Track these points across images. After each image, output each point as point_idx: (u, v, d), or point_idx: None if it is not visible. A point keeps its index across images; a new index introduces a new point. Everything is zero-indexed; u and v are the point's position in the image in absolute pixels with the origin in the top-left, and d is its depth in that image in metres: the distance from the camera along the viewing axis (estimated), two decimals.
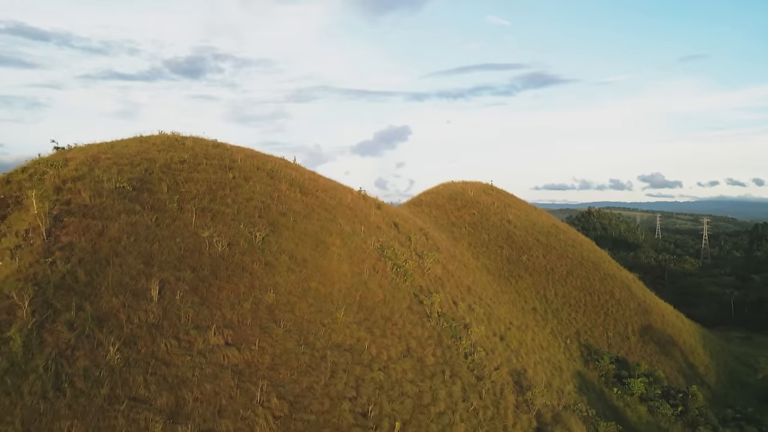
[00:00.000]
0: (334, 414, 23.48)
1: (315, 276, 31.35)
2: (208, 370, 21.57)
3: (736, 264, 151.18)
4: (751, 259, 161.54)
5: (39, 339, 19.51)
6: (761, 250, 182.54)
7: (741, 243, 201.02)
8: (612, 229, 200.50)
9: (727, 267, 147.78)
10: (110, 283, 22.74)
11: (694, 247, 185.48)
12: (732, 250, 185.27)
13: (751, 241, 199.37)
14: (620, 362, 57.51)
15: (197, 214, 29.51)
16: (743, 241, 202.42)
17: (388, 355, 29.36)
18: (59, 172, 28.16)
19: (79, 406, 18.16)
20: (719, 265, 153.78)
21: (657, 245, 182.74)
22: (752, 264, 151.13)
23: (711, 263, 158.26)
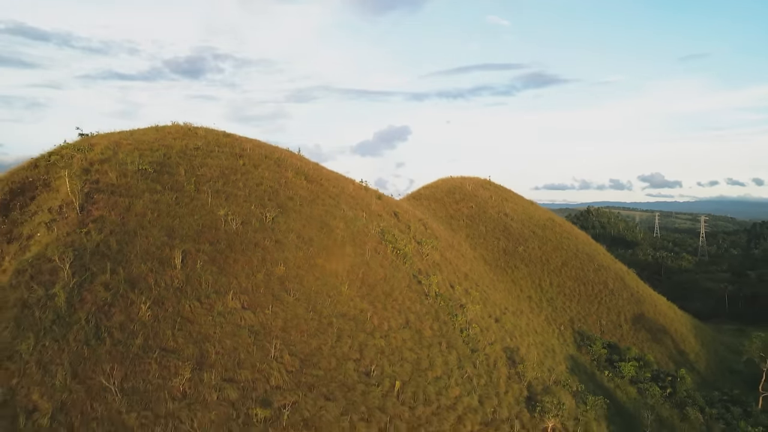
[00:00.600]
0: (340, 371, 26.16)
1: (321, 254, 34.02)
2: (227, 329, 24.25)
3: (733, 261, 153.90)
4: (748, 257, 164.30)
5: (79, 296, 22.20)
6: (759, 248, 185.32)
7: (739, 241, 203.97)
8: (610, 227, 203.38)
9: (724, 264, 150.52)
10: (138, 252, 25.44)
11: (692, 245, 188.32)
12: (729, 248, 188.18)
13: (749, 239, 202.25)
14: (612, 347, 60.11)
15: (212, 195, 32.21)
16: (741, 240, 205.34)
17: (389, 326, 32.02)
18: (86, 156, 30.86)
19: (117, 353, 20.85)
20: (716, 262, 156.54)
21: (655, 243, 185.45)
22: (749, 261, 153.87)
23: (708, 260, 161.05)
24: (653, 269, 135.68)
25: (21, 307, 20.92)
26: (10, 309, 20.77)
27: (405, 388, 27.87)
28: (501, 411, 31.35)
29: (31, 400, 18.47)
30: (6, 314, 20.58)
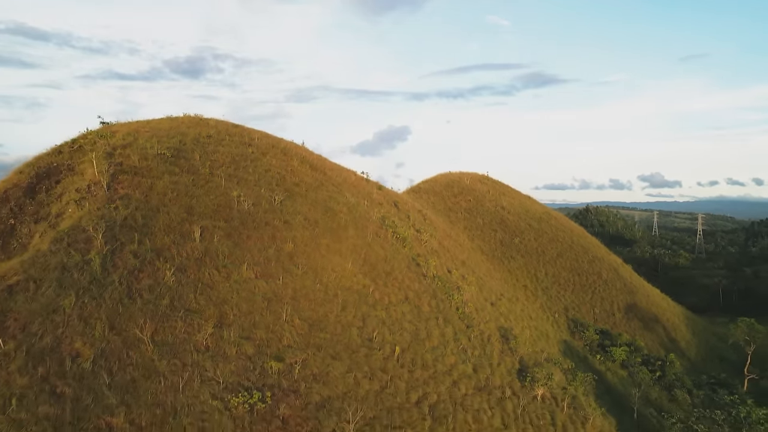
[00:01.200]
0: (345, 336, 28.88)
1: (326, 234, 36.74)
2: (243, 295, 26.98)
3: (729, 258, 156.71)
4: (745, 254, 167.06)
5: (112, 262, 24.94)
6: (756, 246, 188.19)
7: (737, 240, 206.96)
8: (609, 225, 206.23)
9: (720, 261, 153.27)
10: (161, 226, 28.18)
11: (690, 244, 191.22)
12: (727, 246, 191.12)
13: (747, 237, 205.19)
14: (604, 333, 62.80)
15: (225, 178, 34.96)
16: (739, 238, 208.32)
17: (389, 300, 34.73)
18: (109, 141, 33.60)
19: (147, 311, 23.57)
20: (713, 259, 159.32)
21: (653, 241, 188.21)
22: (746, 258, 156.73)
23: (705, 258, 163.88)
24: (650, 265, 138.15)
25: (61, 269, 23.65)
26: (51, 271, 23.50)
27: (404, 354, 30.58)
28: (493, 379, 34.06)
29: (74, 347, 21.19)
30: (48, 275, 23.30)
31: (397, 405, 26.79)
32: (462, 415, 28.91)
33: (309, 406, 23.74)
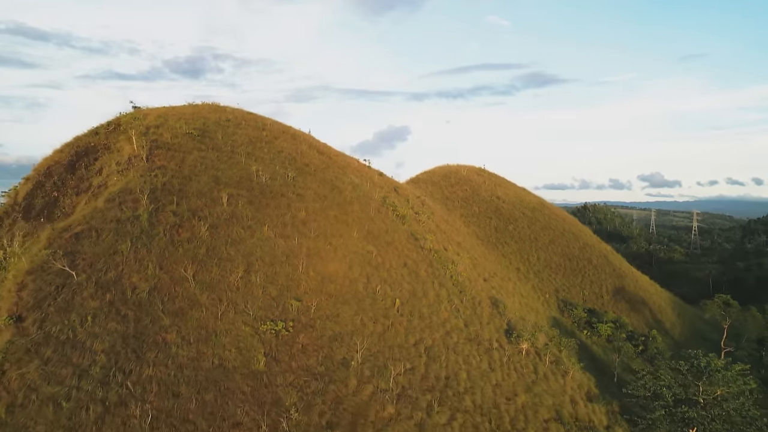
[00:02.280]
0: (352, 288, 33.92)
1: (333, 207, 41.79)
2: (265, 249, 32.04)
3: (723, 253, 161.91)
4: (739, 250, 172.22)
5: (156, 218, 30.01)
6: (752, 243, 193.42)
7: (733, 237, 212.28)
8: (607, 223, 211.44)
9: (715, 256, 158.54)
10: (194, 192, 33.25)
11: (686, 241, 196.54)
12: (723, 243, 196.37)
13: (744, 235, 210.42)
14: (592, 312, 67.92)
15: (245, 156, 40.05)
16: (736, 236, 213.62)
17: (390, 264, 39.77)
18: (142, 122, 38.68)
19: (188, 257, 28.62)
20: (708, 254, 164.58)
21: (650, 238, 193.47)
22: (740, 254, 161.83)
23: (700, 253, 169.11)
24: (644, 259, 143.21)
25: (116, 222, 28.73)
26: (108, 223, 28.57)
27: (403, 306, 35.63)
28: (482, 333, 39.10)
29: (132, 281, 26.24)
30: (106, 226, 28.36)
31: (397, 344, 31.82)
32: (453, 357, 33.93)
33: (323, 337, 28.79)
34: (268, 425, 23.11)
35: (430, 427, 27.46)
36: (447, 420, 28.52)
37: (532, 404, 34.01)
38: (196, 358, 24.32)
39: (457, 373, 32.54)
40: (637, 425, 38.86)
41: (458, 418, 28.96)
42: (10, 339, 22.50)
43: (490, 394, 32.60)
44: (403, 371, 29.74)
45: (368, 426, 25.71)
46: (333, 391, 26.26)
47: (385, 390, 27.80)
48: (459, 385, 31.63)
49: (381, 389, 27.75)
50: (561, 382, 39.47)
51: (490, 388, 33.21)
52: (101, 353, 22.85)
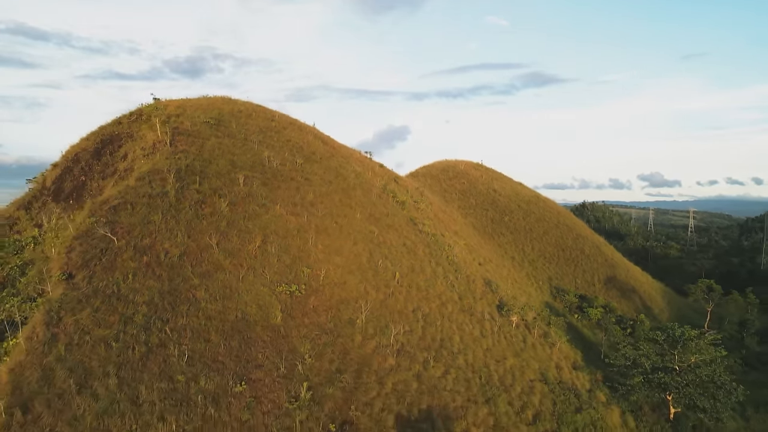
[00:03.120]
0: (357, 261, 37.88)
1: (338, 192, 45.78)
2: (279, 224, 36.02)
3: (719, 250, 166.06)
4: (735, 247, 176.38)
5: (182, 194, 34.00)
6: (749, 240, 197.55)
7: (731, 235, 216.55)
8: (605, 221, 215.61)
9: (710, 252, 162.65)
10: (213, 173, 37.25)
11: (684, 238, 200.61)
12: (720, 240, 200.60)
13: (741, 233, 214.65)
14: (583, 298, 71.90)
15: (257, 143, 44.06)
16: (733, 234, 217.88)
17: (391, 243, 43.74)
18: (163, 112, 42.68)
19: (211, 228, 32.60)
20: (704, 251, 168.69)
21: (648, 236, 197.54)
22: (736, 251, 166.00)
23: (696, 250, 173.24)
24: (641, 255, 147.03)
25: (148, 196, 32.72)
26: (141, 197, 32.56)
27: (402, 279, 39.61)
28: (476, 306, 43.07)
29: (165, 247, 30.22)
30: (140, 200, 32.35)
31: (397, 310, 35.79)
32: (448, 324, 37.90)
33: (331, 300, 32.77)
34: (286, 367, 27.07)
35: (427, 378, 31.41)
36: (441, 374, 32.48)
37: (519, 367, 37.98)
38: (222, 311, 28.28)
39: (451, 337, 36.50)
40: (618, 390, 42.94)
41: (452, 373, 32.93)
42: (63, 292, 26.45)
43: (481, 356, 36.55)
44: (402, 332, 33.70)
45: (372, 374, 29.66)
46: (341, 344, 30.23)
47: (386, 345, 31.77)
48: (453, 346, 35.59)
49: (383, 345, 31.72)
50: (548, 351, 43.43)
51: (481, 351, 37.17)
52: (142, 304, 26.82)
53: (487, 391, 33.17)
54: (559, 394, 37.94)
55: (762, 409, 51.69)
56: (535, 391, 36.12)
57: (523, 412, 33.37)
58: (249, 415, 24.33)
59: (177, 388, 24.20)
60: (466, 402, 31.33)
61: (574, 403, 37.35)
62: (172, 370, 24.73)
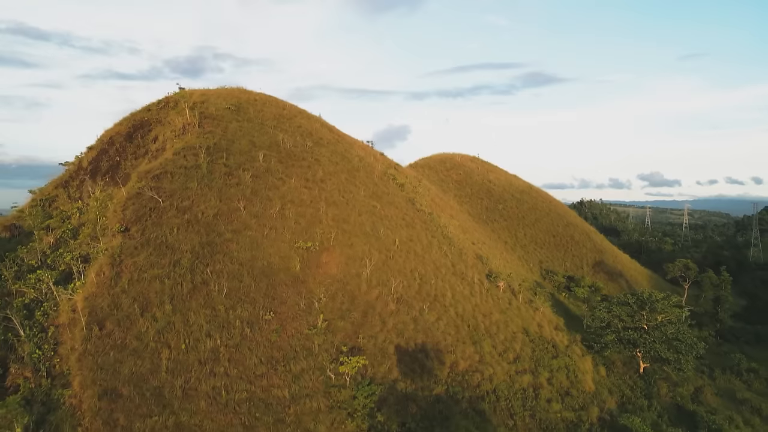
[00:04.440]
0: (361, 228, 44.14)
1: (344, 172, 52.06)
2: (295, 194, 42.30)
3: (712, 244, 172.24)
4: (728, 242, 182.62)
5: (212, 167, 40.30)
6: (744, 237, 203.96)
7: (727, 232, 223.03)
8: (602, 218, 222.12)
9: (704, 247, 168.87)
10: (237, 150, 43.57)
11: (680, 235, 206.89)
12: (715, 236, 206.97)
13: (737, 230, 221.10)
14: (571, 279, 78.17)
15: (272, 127, 50.37)
16: (729, 231, 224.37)
17: (391, 216, 50.01)
18: (189, 100, 49.03)
19: (239, 195, 38.88)
20: (697, 246, 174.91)
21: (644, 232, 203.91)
22: (728, 246, 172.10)
23: (690, 244, 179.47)
24: (635, 248, 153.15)
25: (184, 168, 39.04)
26: (178, 168, 38.87)
27: (401, 245, 45.87)
28: (467, 272, 49.32)
29: (201, 209, 36.52)
30: (177, 171, 38.66)
31: (397, 269, 42.03)
32: (441, 283, 44.15)
33: (340, 257, 39.03)
34: (305, 304, 33.35)
35: (422, 321, 37.68)
36: (435, 319, 38.74)
37: (503, 321, 44.25)
38: (251, 260, 34.55)
39: (443, 293, 42.77)
40: (593, 348, 49.24)
41: (443, 319, 39.20)
42: (122, 241, 32.71)
43: (470, 310, 42.82)
44: (401, 286, 39.95)
45: (375, 315, 35.93)
46: (349, 291, 36.52)
47: (387, 295, 38.04)
48: (445, 300, 41.86)
49: (384, 294, 37.99)
50: (531, 313, 49.71)
51: (470, 306, 43.44)
52: (186, 252, 33.10)
53: (474, 336, 39.43)
54: (539, 344, 44.21)
55: (727, 371, 58.11)
56: (517, 340, 42.38)
57: (505, 354, 39.64)
58: (277, 336, 30.61)
59: (218, 314, 30.47)
60: (456, 342, 37.60)
61: (551, 352, 43.60)
62: (214, 302, 31.01)
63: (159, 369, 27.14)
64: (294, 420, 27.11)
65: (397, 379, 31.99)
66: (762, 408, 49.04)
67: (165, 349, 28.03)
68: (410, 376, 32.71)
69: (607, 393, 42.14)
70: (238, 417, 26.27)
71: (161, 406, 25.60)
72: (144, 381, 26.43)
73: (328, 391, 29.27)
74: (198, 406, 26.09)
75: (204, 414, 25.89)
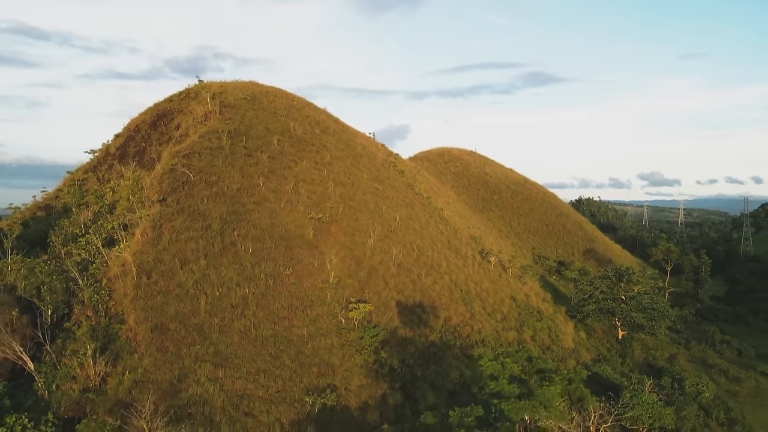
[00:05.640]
0: (365, 206, 50.02)
1: (348, 157, 57.95)
2: (306, 174, 48.20)
3: (707, 240, 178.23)
4: (723, 239, 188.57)
5: (234, 148, 46.19)
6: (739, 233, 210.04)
7: (723, 229, 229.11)
8: (600, 215, 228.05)
9: (699, 242, 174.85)
10: (254, 135, 49.48)
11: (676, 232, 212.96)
12: (711, 233, 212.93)
13: (733, 227, 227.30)
14: (562, 263, 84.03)
15: (283, 116, 56.28)
16: (726, 228, 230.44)
17: (392, 197, 55.88)
18: (209, 90, 54.95)
19: (258, 171, 44.74)
20: (692, 241, 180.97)
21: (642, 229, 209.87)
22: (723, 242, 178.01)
23: (686, 240, 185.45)
24: (630, 243, 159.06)
25: (209, 149, 44.95)
26: (204, 149, 44.76)
27: (401, 222, 51.76)
28: (461, 248, 55.20)
29: (226, 183, 42.40)
30: (204, 151, 44.52)
31: (397, 240, 47.89)
32: (437, 255, 50.00)
33: (348, 228, 44.91)
34: (318, 263, 39.24)
35: (420, 284, 43.52)
36: (431, 283, 44.59)
37: (493, 289, 50.12)
38: (271, 226, 40.43)
39: (439, 263, 48.63)
40: (576, 317, 55.13)
41: (439, 283, 45.06)
42: (160, 209, 38.57)
43: (463, 278, 48.67)
44: (401, 254, 45.79)
45: (379, 276, 41.78)
46: (356, 255, 42.39)
47: (389, 260, 43.90)
48: (440, 268, 47.73)
49: (386, 260, 43.86)
50: (520, 285, 55.60)
51: (463, 275, 49.30)
52: (216, 219, 38.96)
53: (465, 298, 45.30)
54: (525, 309, 50.10)
55: (702, 342, 63.95)
56: (505, 304, 48.25)
57: (493, 314, 45.50)
58: (295, 288, 36.48)
59: (245, 269, 36.34)
60: (449, 302, 43.47)
61: (536, 316, 49.47)
62: (241, 259, 36.86)
63: (198, 310, 32.94)
64: (312, 352, 32.95)
65: (397, 326, 37.85)
66: (729, 370, 54.94)
67: (202, 295, 33.84)
68: (409, 325, 38.56)
69: (584, 351, 48.00)
70: (265, 348, 32.10)
71: (202, 338, 31.42)
72: (187, 319, 32.24)
73: (340, 332, 35.14)
74: (232, 339, 31.91)
75: (237, 345, 31.71)
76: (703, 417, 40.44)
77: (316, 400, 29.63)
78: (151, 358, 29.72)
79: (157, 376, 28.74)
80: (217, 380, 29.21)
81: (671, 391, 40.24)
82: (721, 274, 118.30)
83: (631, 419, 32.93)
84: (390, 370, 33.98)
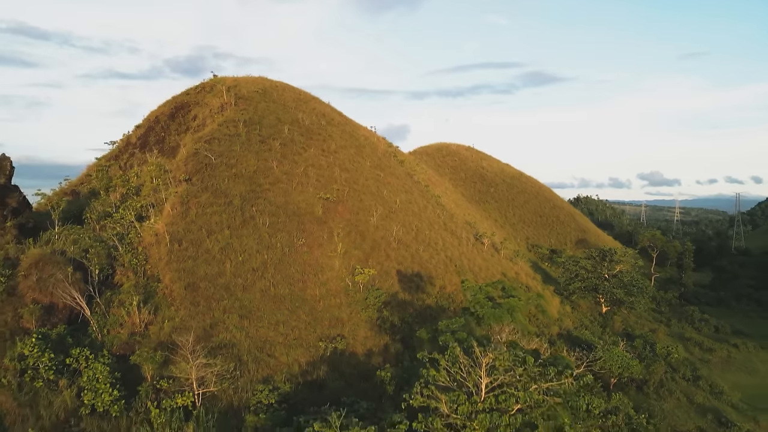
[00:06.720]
0: (368, 189, 55.45)
1: (352, 147, 63.41)
2: (315, 160, 53.69)
3: (702, 237, 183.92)
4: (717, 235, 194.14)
5: (249, 136, 51.65)
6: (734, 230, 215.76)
7: (720, 227, 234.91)
8: (598, 213, 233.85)
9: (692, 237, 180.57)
10: (267, 124, 54.96)
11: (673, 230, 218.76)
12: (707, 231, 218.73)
13: (730, 225, 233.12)
14: (554, 251, 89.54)
15: (292, 108, 61.75)
16: (723, 226, 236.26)
17: (392, 184, 61.33)
18: (224, 84, 60.44)
19: (272, 157, 50.22)
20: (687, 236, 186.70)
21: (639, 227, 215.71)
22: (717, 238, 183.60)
23: (681, 236, 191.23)
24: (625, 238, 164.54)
25: (228, 136, 50.42)
26: (223, 136, 50.24)
27: (400, 205, 57.21)
28: (457, 230, 60.66)
29: (244, 165, 47.85)
30: (223, 137, 50.00)
31: (397, 220, 53.32)
32: (434, 235, 55.46)
33: (352, 208, 50.37)
34: (327, 236, 44.69)
35: (418, 258, 48.96)
36: (428, 257, 50.03)
37: (486, 266, 55.59)
38: (284, 204, 45.87)
39: (436, 241, 54.09)
40: (562, 295, 60.60)
41: (435, 258, 50.52)
42: (186, 187, 44.00)
43: (457, 255, 54.12)
44: (401, 232, 51.21)
45: (381, 250, 47.21)
46: (360, 230, 47.84)
47: (390, 237, 49.35)
48: (437, 246, 53.19)
49: (388, 236, 49.29)
50: (512, 265, 61.12)
51: (458, 252, 54.76)
52: (236, 196, 44.39)
53: (459, 271, 50.75)
54: (515, 284, 55.49)
55: (682, 320, 69.45)
56: (496, 278, 53.62)
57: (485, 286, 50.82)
58: (308, 256, 41.93)
59: (263, 238, 41.77)
60: (444, 273, 48.92)
61: (524, 290, 54.89)
62: (260, 231, 42.30)
63: (224, 273, 38.34)
64: (323, 309, 38.39)
65: (398, 291, 43.31)
66: (704, 342, 60.48)
67: (227, 260, 39.24)
68: (408, 290, 44.02)
69: (568, 320, 53.52)
70: (283, 305, 37.52)
71: (229, 294, 36.82)
72: (215, 279, 37.62)
73: (347, 293, 40.59)
74: (254, 296, 37.31)
75: (259, 301, 37.11)
76: (671, 373, 45.89)
77: (328, 346, 35.06)
78: (186, 310, 35.10)
79: (191, 324, 34.08)
80: (243, 329, 34.60)
81: (642, 351, 45.68)
82: (712, 266, 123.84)
83: (602, 367, 38.35)
84: (391, 325, 39.42)
